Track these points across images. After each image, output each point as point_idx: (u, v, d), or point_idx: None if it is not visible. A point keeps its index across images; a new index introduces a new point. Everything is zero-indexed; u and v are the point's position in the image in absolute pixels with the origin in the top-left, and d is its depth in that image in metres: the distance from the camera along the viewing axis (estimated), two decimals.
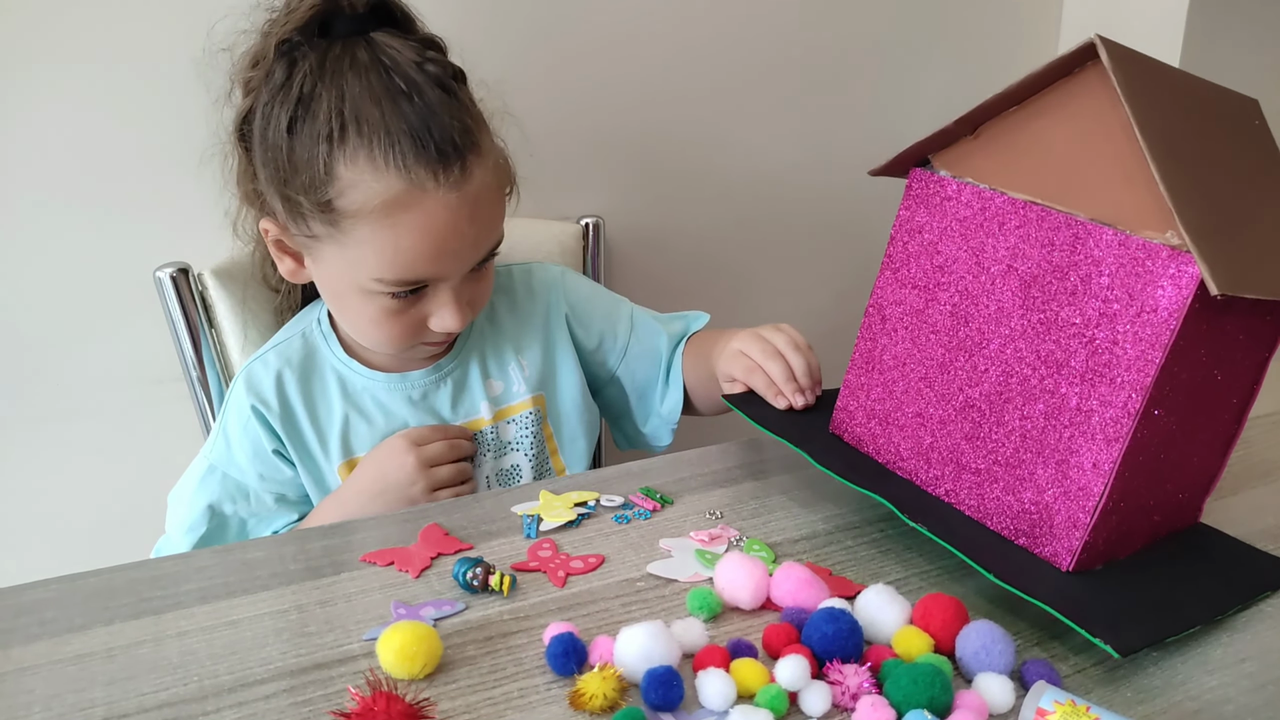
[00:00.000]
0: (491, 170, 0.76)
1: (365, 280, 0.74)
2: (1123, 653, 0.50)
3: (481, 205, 0.75)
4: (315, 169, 0.71)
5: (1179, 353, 0.52)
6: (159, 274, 0.90)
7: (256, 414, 0.82)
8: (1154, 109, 0.51)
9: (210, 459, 0.83)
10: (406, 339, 0.79)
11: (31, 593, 0.60)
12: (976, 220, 0.61)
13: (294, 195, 0.73)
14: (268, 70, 0.73)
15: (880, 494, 0.62)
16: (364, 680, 0.51)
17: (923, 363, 0.64)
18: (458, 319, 0.77)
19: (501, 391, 0.88)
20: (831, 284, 1.32)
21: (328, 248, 0.74)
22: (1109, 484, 0.54)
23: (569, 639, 0.53)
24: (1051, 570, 0.57)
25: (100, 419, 0.98)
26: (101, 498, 1.00)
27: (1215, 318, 0.53)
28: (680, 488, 0.73)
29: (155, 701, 0.51)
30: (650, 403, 0.96)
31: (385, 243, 0.72)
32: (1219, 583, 0.59)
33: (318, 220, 0.73)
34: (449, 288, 0.76)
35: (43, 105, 0.87)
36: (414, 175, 0.70)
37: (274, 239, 0.79)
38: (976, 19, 1.26)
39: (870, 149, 1.26)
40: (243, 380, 0.83)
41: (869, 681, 0.50)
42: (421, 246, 0.72)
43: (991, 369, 0.60)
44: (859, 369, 0.69)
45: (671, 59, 1.11)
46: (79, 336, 0.95)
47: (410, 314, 0.77)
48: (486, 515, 0.69)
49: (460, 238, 0.74)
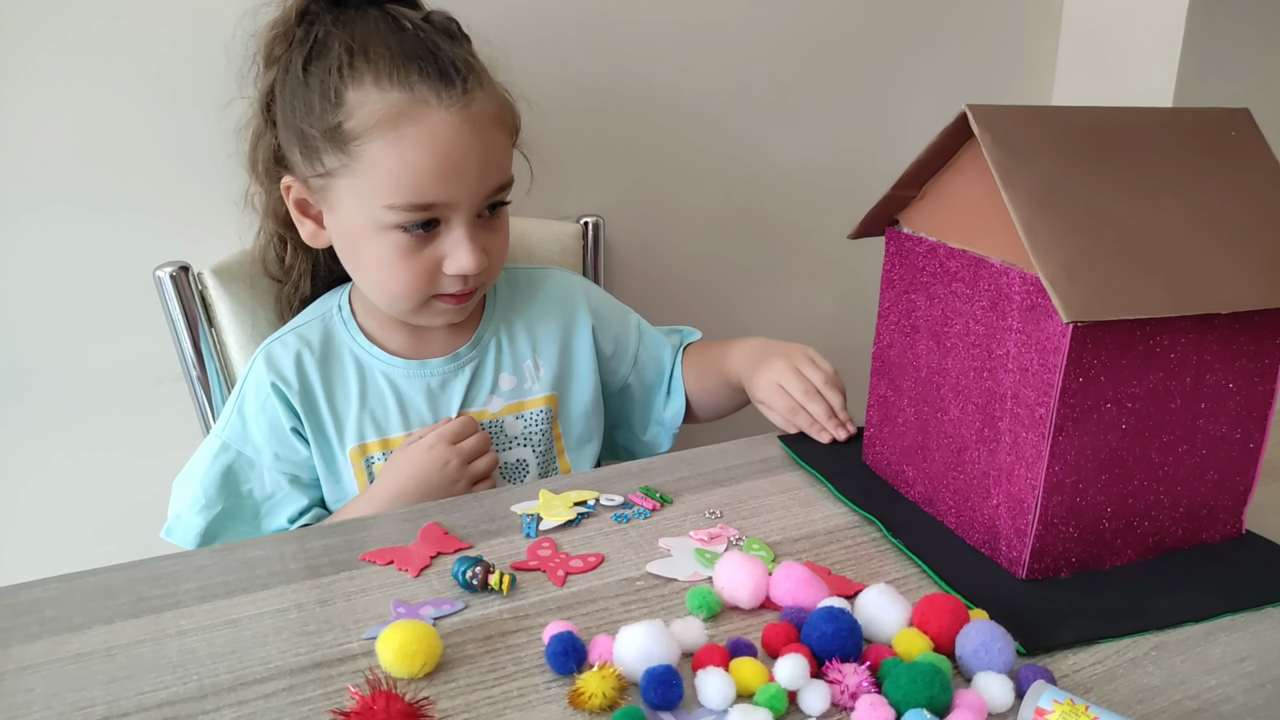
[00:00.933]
0: (495, 103, 0.78)
1: (377, 211, 0.75)
2: (1028, 650, 0.54)
3: (485, 131, 0.76)
4: (327, 98, 0.74)
5: (1084, 374, 0.56)
6: (159, 273, 0.90)
7: (276, 391, 0.82)
8: (1025, 160, 0.58)
9: (223, 437, 0.83)
10: (422, 284, 0.79)
11: (31, 592, 0.60)
12: (932, 270, 0.67)
13: (307, 129, 0.76)
14: (289, 34, 0.79)
15: (876, 514, 0.69)
16: (364, 679, 0.51)
17: (914, 401, 0.71)
18: (471, 257, 0.77)
19: (513, 387, 0.89)
20: (831, 284, 1.32)
21: (341, 184, 0.76)
22: (1039, 499, 0.59)
23: (568, 638, 0.53)
24: (1009, 578, 0.62)
25: (100, 419, 0.98)
26: (101, 497, 1.00)
27: (1138, 340, 0.57)
28: (680, 487, 0.73)
29: (155, 700, 0.51)
30: (651, 410, 0.99)
31: (393, 161, 0.73)
32: (1214, 591, 0.60)
33: (330, 151, 0.75)
34: (461, 224, 0.77)
35: (43, 104, 0.87)
36: (416, 91, 0.73)
37: (295, 199, 0.81)
38: (977, 19, 1.26)
39: (870, 149, 1.26)
40: (262, 358, 0.83)
41: (868, 681, 0.50)
42: (427, 162, 0.74)
43: (953, 404, 0.66)
44: (874, 409, 0.76)
45: (672, 59, 1.11)
46: (79, 336, 0.95)
47: (424, 255, 0.78)
48: (486, 514, 0.69)
49: (465, 155, 0.75)
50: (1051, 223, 0.56)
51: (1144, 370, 0.58)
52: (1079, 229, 0.56)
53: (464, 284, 0.80)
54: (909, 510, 0.70)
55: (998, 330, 0.61)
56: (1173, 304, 0.55)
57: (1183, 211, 0.59)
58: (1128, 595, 0.60)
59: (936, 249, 0.66)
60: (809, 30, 1.17)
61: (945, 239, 0.65)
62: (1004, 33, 1.28)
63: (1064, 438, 0.58)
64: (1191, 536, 0.65)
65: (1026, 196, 0.56)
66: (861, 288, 1.33)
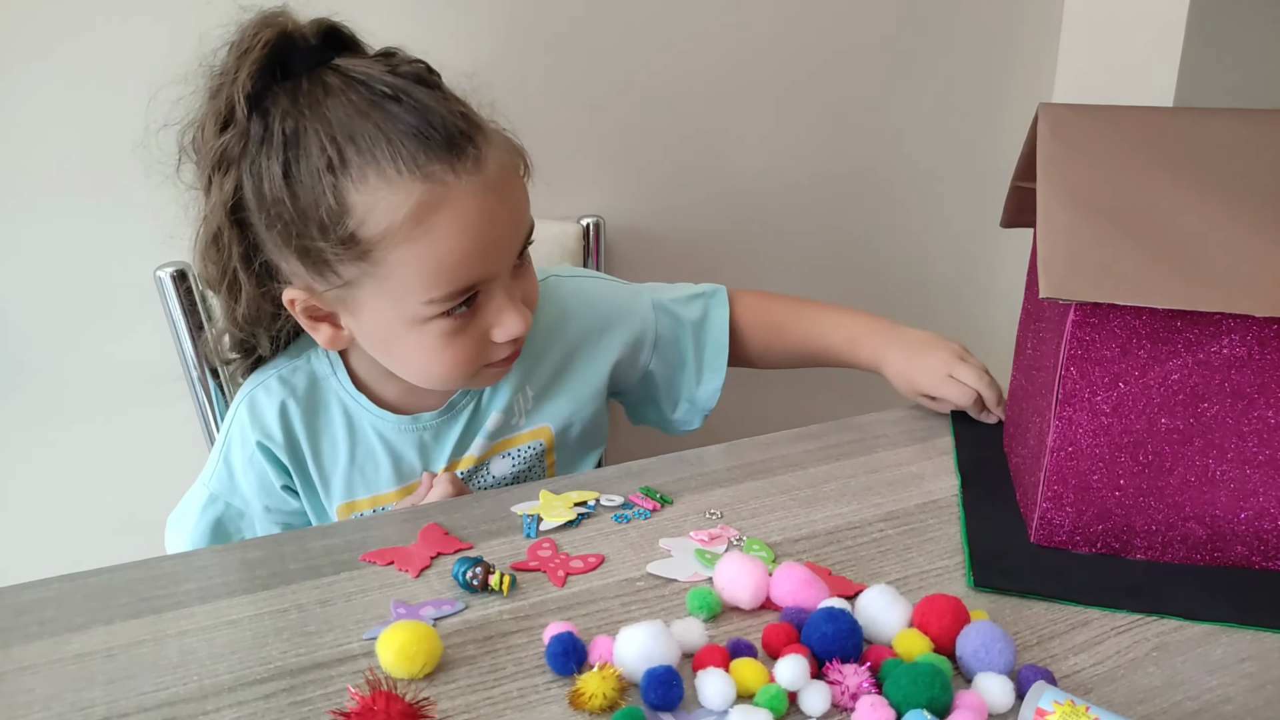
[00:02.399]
0: (504, 151, 0.71)
1: (416, 308, 0.68)
2: (975, 583, 0.61)
3: (507, 190, 0.70)
4: (325, 206, 0.65)
5: (1087, 352, 0.59)
6: (159, 274, 0.90)
7: (263, 449, 0.77)
8: (1078, 155, 0.60)
9: (211, 488, 0.79)
10: (473, 361, 0.73)
11: (31, 592, 0.60)
12: None
13: (311, 244, 0.66)
14: (243, 132, 0.67)
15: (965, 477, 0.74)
16: (364, 680, 0.51)
17: (1022, 384, 0.75)
18: (520, 320, 0.71)
19: (499, 425, 0.83)
20: (832, 284, 1.31)
21: (365, 291, 0.68)
22: (1045, 467, 0.63)
23: (568, 639, 0.53)
24: (1023, 538, 0.66)
25: (100, 419, 0.98)
26: (101, 497, 1.00)
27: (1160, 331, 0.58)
28: (680, 487, 0.73)
29: (155, 701, 0.51)
30: (679, 389, 0.92)
31: (426, 256, 0.66)
32: (1229, 604, 0.59)
33: (346, 262, 0.66)
34: (502, 290, 0.71)
35: (43, 104, 0.87)
36: (431, 172, 0.64)
37: (302, 307, 0.72)
38: (977, 19, 1.26)
39: (870, 149, 1.26)
40: (245, 409, 0.78)
41: (868, 681, 0.50)
42: (463, 245, 0.66)
43: (1031, 385, 0.70)
44: (1010, 395, 0.79)
45: (672, 59, 1.11)
46: (79, 336, 0.95)
47: (469, 331, 0.71)
48: (486, 515, 0.69)
49: (497, 224, 0.68)
50: (1076, 211, 0.58)
51: (1166, 361, 0.58)
52: (1107, 220, 0.57)
53: (514, 345, 0.74)
54: (995, 483, 0.73)
55: (1054, 316, 0.64)
56: (1192, 298, 0.55)
57: (1254, 215, 0.58)
58: (1127, 579, 0.61)
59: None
60: (809, 30, 1.17)
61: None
62: (1004, 33, 1.28)
63: (1070, 410, 0.61)
64: (1262, 558, 0.62)
65: (1061, 185, 0.59)
66: (861, 287, 1.34)
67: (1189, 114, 0.64)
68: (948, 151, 1.30)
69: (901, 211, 1.27)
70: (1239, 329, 0.57)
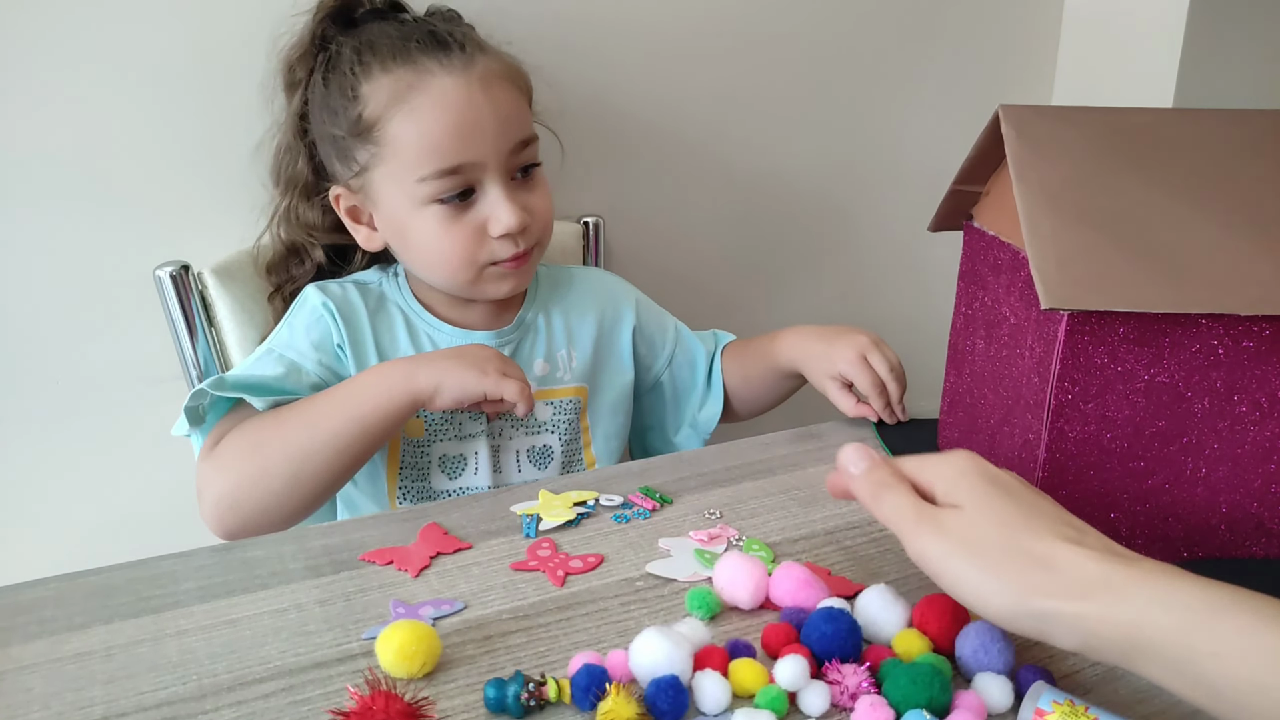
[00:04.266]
0: (499, 63, 0.82)
1: (412, 188, 0.78)
2: None
3: (493, 87, 0.80)
4: (345, 97, 0.79)
5: (1080, 362, 0.58)
6: (159, 273, 0.90)
7: (328, 310, 0.83)
8: (1047, 157, 0.60)
9: (270, 344, 0.83)
10: (471, 249, 0.80)
11: (31, 591, 0.60)
12: (989, 263, 0.69)
13: (336, 133, 0.80)
14: (310, 60, 0.84)
15: None
16: (363, 679, 0.51)
17: (969, 390, 0.74)
18: (512, 214, 0.79)
19: (546, 374, 0.91)
20: (832, 283, 1.32)
21: (377, 175, 0.80)
22: (1040, 480, 0.62)
23: (599, 672, 0.49)
24: None
25: (100, 419, 0.98)
26: (101, 497, 1.00)
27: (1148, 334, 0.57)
28: (680, 487, 0.73)
29: (154, 700, 0.51)
30: (684, 411, 1.00)
31: (410, 133, 0.77)
32: None
33: (359, 146, 0.79)
34: (496, 185, 0.80)
35: (42, 104, 0.87)
36: (418, 62, 0.78)
37: (346, 207, 0.84)
38: (977, 19, 1.26)
39: (870, 149, 1.26)
40: (315, 287, 0.86)
41: (868, 681, 0.50)
42: (442, 125, 0.77)
43: (990, 393, 0.69)
44: (945, 397, 0.79)
45: (672, 59, 1.11)
46: (79, 336, 0.95)
47: (466, 221, 0.80)
48: (486, 514, 0.69)
49: (477, 111, 0.78)
50: (1057, 216, 0.58)
51: (1154, 364, 0.58)
52: (1089, 224, 0.57)
53: (515, 245, 0.81)
54: None
55: (1025, 322, 0.63)
56: (1180, 301, 0.55)
57: (1228, 214, 0.58)
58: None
59: (992, 243, 0.68)
60: (809, 30, 1.17)
61: (1000, 233, 0.68)
62: (1004, 33, 1.28)
63: (1061, 421, 0.60)
64: (1234, 547, 0.64)
65: (1039, 190, 0.59)
66: (861, 287, 1.34)
67: (1146, 114, 0.64)
68: (948, 152, 1.29)
69: (902, 212, 1.27)
70: (1218, 328, 0.58)
